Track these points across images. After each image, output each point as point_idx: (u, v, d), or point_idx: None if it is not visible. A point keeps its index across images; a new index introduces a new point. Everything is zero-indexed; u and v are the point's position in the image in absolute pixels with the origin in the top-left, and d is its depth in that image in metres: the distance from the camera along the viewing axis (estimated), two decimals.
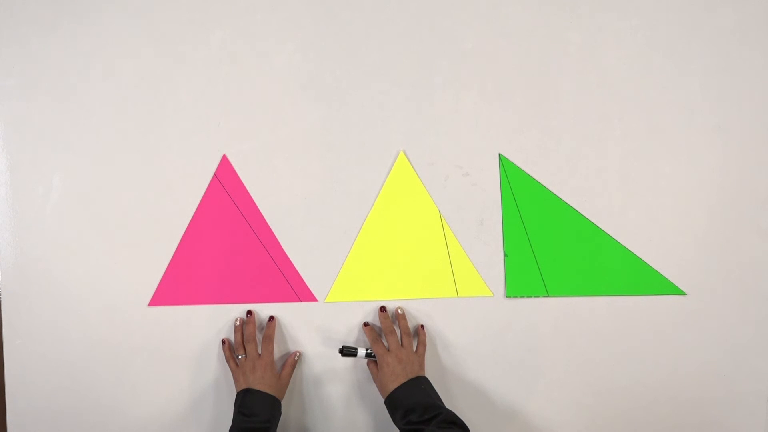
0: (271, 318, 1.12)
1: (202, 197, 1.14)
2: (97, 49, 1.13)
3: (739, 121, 1.15)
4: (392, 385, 1.02)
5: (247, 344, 1.09)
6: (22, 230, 1.13)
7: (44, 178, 1.13)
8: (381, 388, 1.05)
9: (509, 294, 1.16)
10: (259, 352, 1.09)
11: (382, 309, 1.12)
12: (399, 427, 0.99)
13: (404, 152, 1.15)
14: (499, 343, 1.16)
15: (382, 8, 1.14)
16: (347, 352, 1.09)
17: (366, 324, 1.12)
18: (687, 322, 1.16)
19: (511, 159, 1.15)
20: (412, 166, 1.15)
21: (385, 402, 1.03)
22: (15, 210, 1.13)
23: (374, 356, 1.08)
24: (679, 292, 1.16)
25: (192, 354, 1.14)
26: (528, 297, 1.16)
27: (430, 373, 1.10)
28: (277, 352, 1.15)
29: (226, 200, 1.14)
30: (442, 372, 1.16)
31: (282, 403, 1.07)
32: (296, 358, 1.12)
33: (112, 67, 1.13)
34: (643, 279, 1.16)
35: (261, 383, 1.04)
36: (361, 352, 1.09)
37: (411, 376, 1.03)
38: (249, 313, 1.12)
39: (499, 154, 1.15)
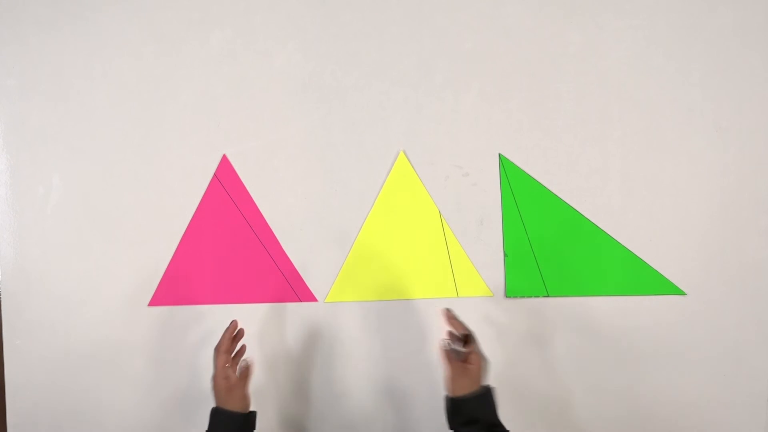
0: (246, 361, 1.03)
1: (202, 197, 1.14)
2: (97, 49, 1.13)
3: (739, 121, 1.15)
4: (468, 389, 0.95)
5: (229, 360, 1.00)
6: (22, 230, 1.13)
7: (44, 178, 1.13)
8: (459, 387, 0.96)
9: (509, 294, 1.16)
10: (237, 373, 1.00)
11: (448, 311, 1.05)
12: (453, 429, 0.95)
13: (404, 152, 1.15)
14: (499, 343, 1.16)
15: (382, 9, 1.14)
16: (454, 348, 0.98)
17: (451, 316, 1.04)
18: (687, 322, 1.16)
19: (511, 159, 1.15)
20: (412, 166, 1.15)
21: (449, 398, 0.97)
22: (15, 210, 1.13)
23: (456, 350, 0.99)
24: (679, 292, 1.16)
25: (192, 354, 1.14)
26: (528, 297, 1.16)
27: (430, 373, 1.10)
28: (277, 352, 1.15)
29: (226, 200, 1.14)
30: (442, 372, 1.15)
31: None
32: (246, 365, 1.01)
33: (112, 67, 1.13)
34: (643, 279, 1.16)
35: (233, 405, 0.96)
36: (458, 347, 0.99)
37: (481, 383, 0.98)
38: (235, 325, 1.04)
39: (499, 154, 1.15)
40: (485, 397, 0.96)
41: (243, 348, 1.06)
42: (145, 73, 1.13)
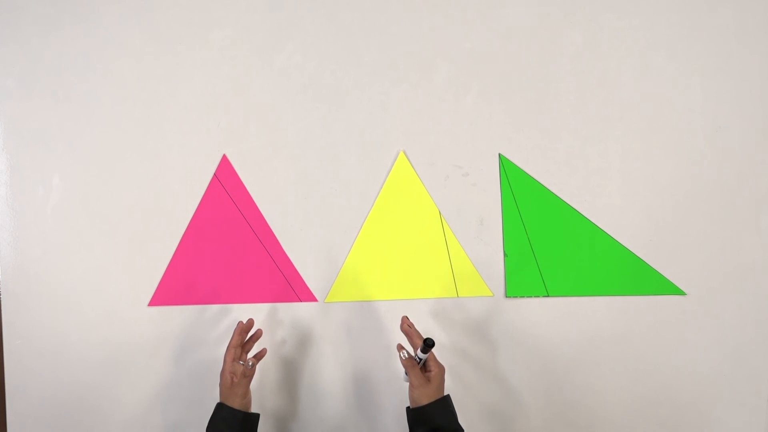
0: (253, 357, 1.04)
1: (202, 197, 1.14)
2: (97, 49, 1.13)
3: (739, 121, 1.15)
4: (431, 398, 0.95)
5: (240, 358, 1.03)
6: (22, 230, 1.13)
7: (44, 178, 1.13)
8: (422, 396, 0.96)
9: (509, 294, 1.16)
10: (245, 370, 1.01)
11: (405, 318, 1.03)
12: None
13: (404, 152, 1.15)
14: (499, 343, 1.16)
15: (382, 8, 1.14)
16: (429, 343, 0.94)
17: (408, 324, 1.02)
18: (687, 322, 1.16)
19: (511, 159, 1.15)
20: (412, 166, 1.15)
21: (412, 409, 0.97)
22: (15, 210, 1.13)
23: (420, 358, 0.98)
24: (679, 292, 1.16)
25: (192, 354, 1.14)
26: (528, 297, 1.16)
27: None
28: (277, 352, 1.15)
29: (226, 200, 1.14)
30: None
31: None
32: (250, 365, 1.01)
33: (112, 67, 1.13)
34: (643, 279, 1.16)
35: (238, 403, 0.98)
36: (420, 355, 0.97)
37: (443, 391, 0.98)
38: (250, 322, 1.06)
39: (499, 154, 1.15)
40: (445, 403, 0.95)
41: (263, 351, 1.09)
42: (145, 73, 1.13)
